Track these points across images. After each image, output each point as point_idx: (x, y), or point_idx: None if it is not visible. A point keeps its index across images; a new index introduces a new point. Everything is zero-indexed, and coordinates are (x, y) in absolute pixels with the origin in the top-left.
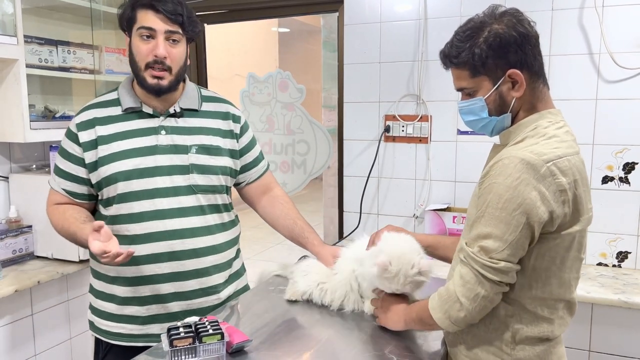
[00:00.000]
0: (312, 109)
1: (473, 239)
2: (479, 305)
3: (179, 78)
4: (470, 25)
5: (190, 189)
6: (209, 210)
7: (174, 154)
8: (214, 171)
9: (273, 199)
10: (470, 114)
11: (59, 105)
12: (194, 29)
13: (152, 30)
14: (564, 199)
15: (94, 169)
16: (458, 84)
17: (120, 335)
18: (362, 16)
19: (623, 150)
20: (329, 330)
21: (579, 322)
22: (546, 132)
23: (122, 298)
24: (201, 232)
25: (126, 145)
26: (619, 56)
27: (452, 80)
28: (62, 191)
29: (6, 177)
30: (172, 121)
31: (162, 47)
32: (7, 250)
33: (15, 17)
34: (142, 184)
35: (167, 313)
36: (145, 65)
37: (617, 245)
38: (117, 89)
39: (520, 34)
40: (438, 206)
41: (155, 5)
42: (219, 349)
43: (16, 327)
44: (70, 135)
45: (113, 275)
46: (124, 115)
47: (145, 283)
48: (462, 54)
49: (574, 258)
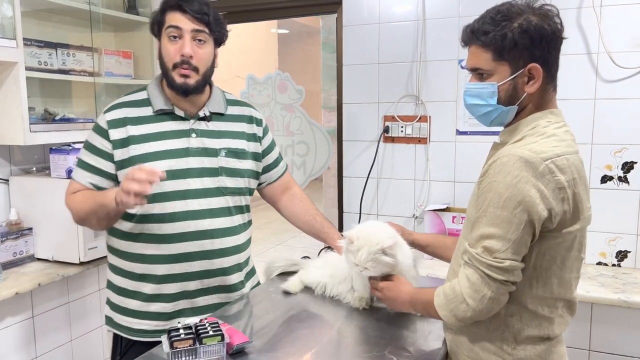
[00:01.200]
0: (312, 110)
1: (476, 239)
2: (487, 307)
3: (206, 79)
4: (506, 7)
5: (219, 191)
6: (235, 212)
7: (205, 156)
8: (241, 174)
9: (292, 197)
10: (476, 97)
11: (58, 108)
12: (220, 30)
13: (179, 29)
14: (563, 196)
15: (122, 167)
16: (474, 63)
17: (143, 331)
18: (360, 17)
19: (622, 150)
20: (329, 331)
21: (578, 321)
22: (545, 131)
23: (148, 295)
24: (228, 233)
25: (159, 147)
26: (617, 56)
27: (451, 81)
28: (88, 185)
29: (6, 179)
30: (202, 124)
31: (188, 46)
32: (7, 252)
33: (14, 20)
34: (174, 185)
35: (193, 307)
36: (173, 65)
37: (616, 244)
38: (145, 88)
39: (552, 31)
40: (437, 206)
41: (182, 5)
42: (220, 351)
43: (17, 330)
44: (100, 131)
45: (140, 273)
46: (155, 117)
47: (175, 281)
48: (491, 32)
49: (575, 258)
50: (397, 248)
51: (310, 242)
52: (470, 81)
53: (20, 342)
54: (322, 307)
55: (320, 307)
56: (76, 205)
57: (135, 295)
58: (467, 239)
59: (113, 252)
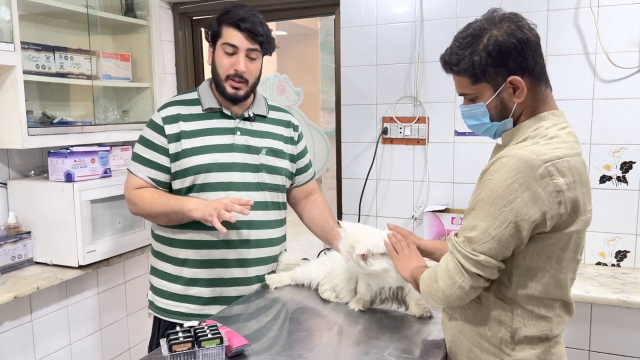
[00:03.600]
0: (311, 111)
1: (461, 229)
2: (455, 294)
3: (254, 89)
4: (469, 32)
5: (258, 186)
6: (272, 207)
7: (247, 153)
8: (279, 172)
9: (313, 202)
10: (472, 118)
11: (56, 111)
12: (270, 47)
13: (235, 47)
14: (560, 199)
15: (175, 159)
16: (460, 90)
17: (181, 314)
18: (358, 19)
19: (620, 150)
20: (328, 333)
21: (578, 321)
22: (547, 132)
23: (188, 279)
24: (264, 225)
25: (207, 142)
26: (614, 56)
27: (449, 82)
28: (147, 179)
29: (4, 183)
30: (246, 124)
31: (242, 63)
32: (6, 256)
33: (12, 24)
34: (219, 177)
35: (227, 296)
36: (226, 76)
37: (615, 244)
38: (196, 89)
39: (520, 40)
40: (436, 207)
41: (240, 25)
42: (218, 353)
43: (16, 334)
44: (155, 127)
45: (183, 258)
46: (204, 114)
47: (214, 266)
48: (461, 61)
49: (570, 259)
50: (373, 259)
51: (310, 244)
52: (462, 104)
53: (19, 346)
54: (321, 309)
55: (319, 309)
56: (145, 203)
57: (177, 280)
58: None
59: (158, 240)
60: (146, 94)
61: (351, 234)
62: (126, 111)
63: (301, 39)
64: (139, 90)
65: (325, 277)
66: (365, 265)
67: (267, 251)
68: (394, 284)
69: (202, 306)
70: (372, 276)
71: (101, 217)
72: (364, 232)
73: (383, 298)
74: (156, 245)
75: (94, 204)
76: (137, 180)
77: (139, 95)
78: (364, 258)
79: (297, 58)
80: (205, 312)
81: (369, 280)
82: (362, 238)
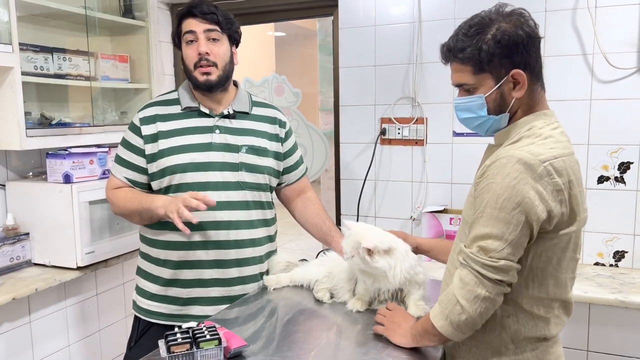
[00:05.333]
0: (310, 112)
1: (471, 240)
2: (480, 307)
3: (227, 74)
4: (477, 21)
5: (238, 185)
6: (254, 206)
7: (226, 151)
8: (261, 170)
9: (306, 201)
10: (467, 111)
11: (55, 113)
12: (230, 27)
13: (194, 32)
14: (560, 198)
15: (152, 160)
16: (458, 80)
17: (160, 314)
18: (356, 20)
19: (618, 150)
20: (326, 333)
21: (576, 322)
22: (542, 132)
23: (166, 280)
24: (244, 225)
25: (184, 141)
26: (612, 56)
27: (447, 82)
28: (124, 179)
29: (3, 184)
30: (226, 122)
31: (203, 44)
32: (4, 258)
33: (10, 25)
34: (196, 176)
35: (207, 297)
36: (194, 65)
37: (613, 244)
38: (177, 90)
39: (527, 35)
40: (435, 208)
41: (192, 11)
42: (217, 354)
43: (14, 335)
44: (133, 128)
45: (163, 259)
46: (183, 114)
47: (190, 267)
48: (467, 48)
49: (570, 258)
50: (378, 256)
51: (308, 245)
52: (458, 96)
53: (17, 348)
54: (320, 309)
55: (318, 310)
56: (120, 201)
57: (156, 280)
58: (462, 240)
59: (143, 240)
60: (144, 95)
61: (356, 232)
62: (124, 112)
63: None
64: (137, 91)
65: (324, 277)
66: (370, 261)
67: (248, 252)
68: (393, 286)
69: (180, 307)
70: (372, 277)
71: (99, 218)
72: (368, 230)
73: (382, 298)
74: (142, 246)
75: (93, 205)
76: (116, 180)
77: (138, 97)
78: (370, 253)
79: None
80: (185, 312)
81: (368, 281)
82: (368, 235)
